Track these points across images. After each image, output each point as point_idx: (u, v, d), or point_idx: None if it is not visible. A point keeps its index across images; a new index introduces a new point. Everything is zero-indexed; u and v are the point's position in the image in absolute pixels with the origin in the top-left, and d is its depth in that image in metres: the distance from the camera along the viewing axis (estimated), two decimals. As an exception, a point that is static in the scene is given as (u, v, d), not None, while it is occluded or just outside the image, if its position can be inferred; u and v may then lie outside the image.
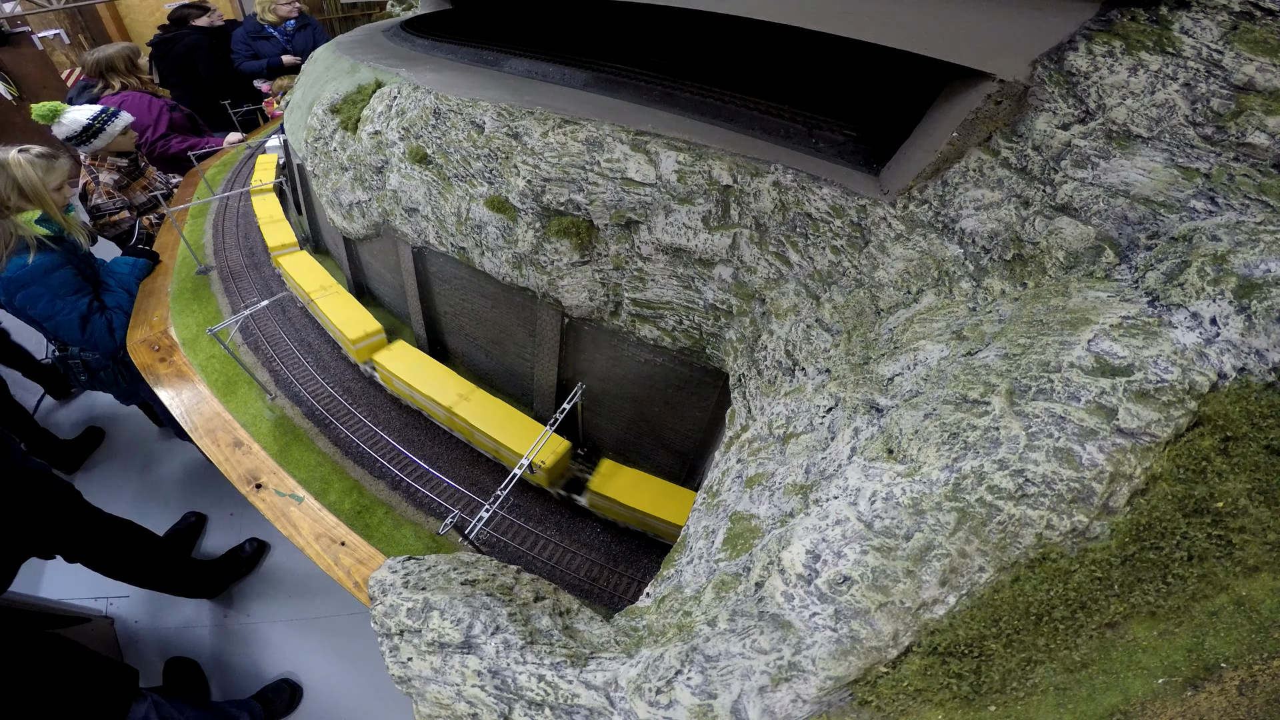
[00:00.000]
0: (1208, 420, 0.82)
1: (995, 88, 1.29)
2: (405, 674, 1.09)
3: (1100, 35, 1.16)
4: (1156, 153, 1.09)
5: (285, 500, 2.38)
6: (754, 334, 1.78)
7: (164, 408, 2.85)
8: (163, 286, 3.62)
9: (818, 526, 0.95)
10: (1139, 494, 0.82)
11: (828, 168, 1.70)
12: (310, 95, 3.02)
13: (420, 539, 2.27)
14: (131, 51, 5.16)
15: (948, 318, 1.26)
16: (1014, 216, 1.26)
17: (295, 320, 3.36)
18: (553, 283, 2.09)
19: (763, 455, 1.41)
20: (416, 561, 1.25)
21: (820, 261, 1.62)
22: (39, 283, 2.99)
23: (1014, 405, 0.90)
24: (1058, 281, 1.13)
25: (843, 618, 0.85)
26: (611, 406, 2.53)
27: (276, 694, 3.21)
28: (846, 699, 0.84)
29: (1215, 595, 0.78)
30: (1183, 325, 0.89)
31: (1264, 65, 0.98)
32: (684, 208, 1.77)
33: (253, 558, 3.91)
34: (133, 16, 9.29)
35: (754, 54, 2.73)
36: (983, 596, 0.83)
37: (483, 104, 2.09)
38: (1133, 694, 0.77)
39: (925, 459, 0.93)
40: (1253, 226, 0.94)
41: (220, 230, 4.22)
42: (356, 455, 2.57)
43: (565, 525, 2.39)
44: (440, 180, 2.26)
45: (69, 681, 2.33)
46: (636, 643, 1.07)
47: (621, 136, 1.82)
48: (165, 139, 5.17)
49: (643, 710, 0.91)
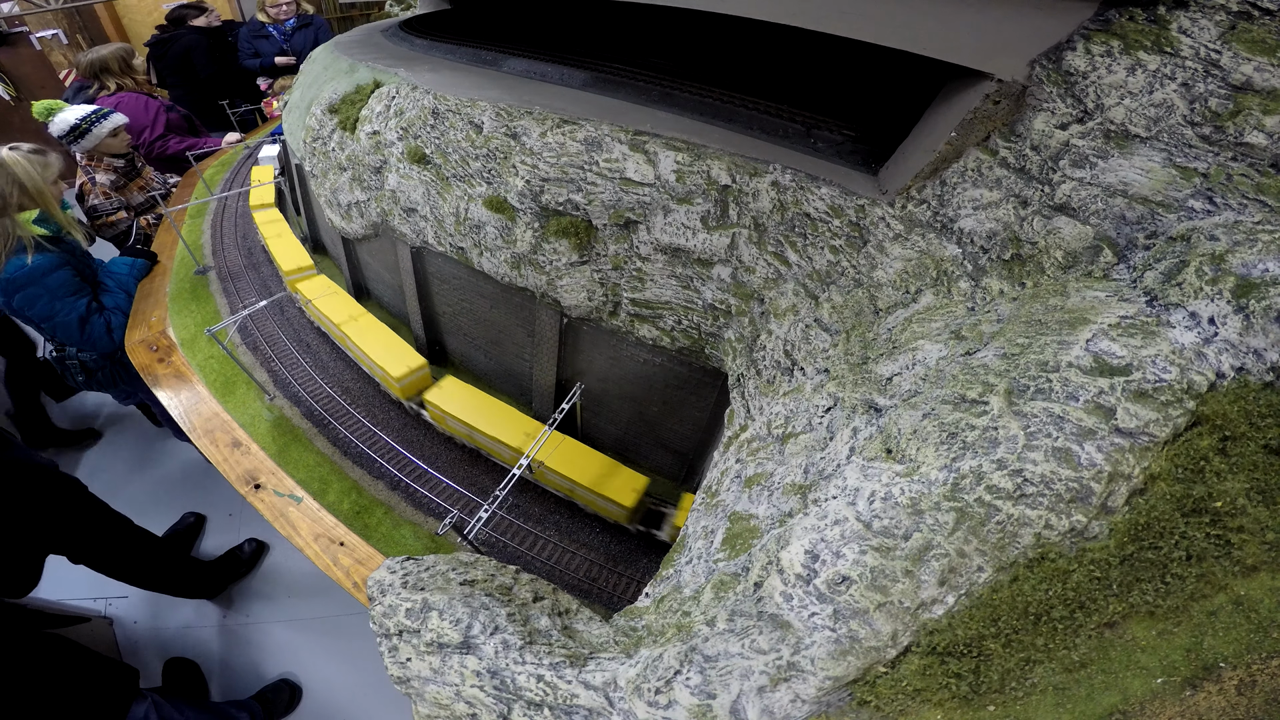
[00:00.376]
0: (1206, 420, 0.82)
1: (993, 87, 1.29)
2: (404, 674, 1.09)
3: (1098, 35, 1.16)
4: (1155, 152, 1.09)
5: (284, 500, 2.37)
6: (753, 334, 1.78)
7: (162, 408, 2.85)
8: (161, 287, 3.62)
9: (816, 526, 0.95)
10: (1137, 494, 0.83)
11: (826, 167, 1.70)
12: (309, 95, 3.02)
13: (419, 539, 2.27)
14: (125, 52, 5.15)
15: (946, 317, 1.26)
16: (1012, 216, 1.26)
17: (293, 320, 3.36)
18: (551, 283, 2.09)
19: (761, 455, 1.41)
20: (415, 562, 1.25)
21: (819, 261, 1.62)
22: (37, 284, 2.98)
23: (1012, 405, 0.90)
24: (1056, 281, 1.13)
25: (841, 618, 0.85)
26: (610, 406, 2.53)
27: (276, 694, 3.21)
28: (845, 699, 0.84)
29: (1214, 595, 0.78)
30: (1181, 325, 0.89)
31: (1262, 65, 0.98)
32: (683, 207, 1.77)
33: (252, 558, 3.91)
34: (130, 16, 9.28)
35: (753, 54, 2.73)
36: (981, 596, 0.83)
37: (481, 104, 2.09)
38: (1132, 694, 0.77)
39: (924, 459, 0.93)
40: (1251, 226, 0.94)
41: (219, 230, 4.21)
42: (355, 455, 2.56)
43: (564, 525, 2.38)
44: (439, 180, 2.26)
45: (69, 681, 2.33)
46: (635, 643, 1.07)
47: (620, 136, 1.81)
48: (163, 139, 5.17)
49: (642, 710, 0.91)
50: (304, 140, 3.01)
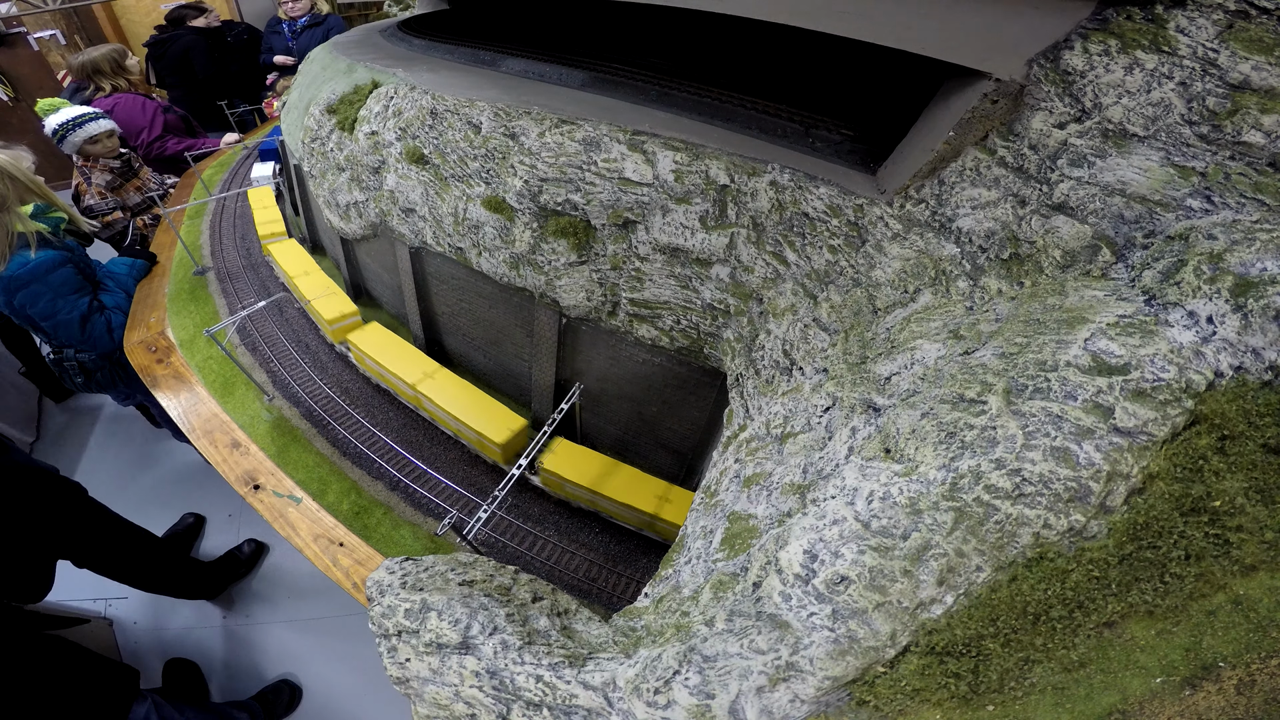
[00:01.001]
0: (1204, 419, 0.82)
1: (991, 87, 1.29)
2: (403, 675, 1.09)
3: (1096, 34, 1.16)
4: (1153, 151, 1.09)
5: (283, 501, 2.37)
6: (751, 333, 1.78)
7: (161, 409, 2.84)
8: (160, 287, 3.62)
9: (815, 526, 0.95)
10: (1136, 493, 0.82)
11: (825, 167, 1.70)
12: (307, 96, 3.02)
13: (418, 539, 2.27)
14: (117, 53, 5.14)
15: (945, 317, 1.26)
16: (1011, 215, 1.26)
17: (293, 321, 3.35)
18: (550, 283, 2.09)
19: (760, 455, 1.41)
20: (414, 562, 1.24)
21: (817, 261, 1.62)
22: (41, 280, 2.98)
23: (1011, 404, 0.90)
24: (1054, 280, 1.13)
25: (840, 617, 0.85)
26: (609, 406, 2.53)
27: (276, 695, 3.21)
28: (844, 699, 0.84)
29: (1213, 594, 0.78)
30: (1179, 324, 0.89)
31: (1259, 64, 0.98)
32: (681, 207, 1.77)
33: (251, 559, 3.91)
34: (129, 17, 9.26)
35: (751, 54, 2.73)
36: (980, 596, 0.83)
37: (480, 104, 2.09)
38: (1131, 693, 0.77)
39: (922, 458, 0.93)
40: (1249, 225, 0.94)
41: (217, 231, 4.21)
42: (355, 456, 2.56)
43: (564, 525, 2.38)
44: (437, 180, 2.26)
45: (69, 683, 2.33)
46: (634, 643, 1.07)
47: (619, 136, 1.81)
48: (161, 140, 5.16)
49: (641, 710, 0.91)
50: (302, 141, 3.00)
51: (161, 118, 5.17)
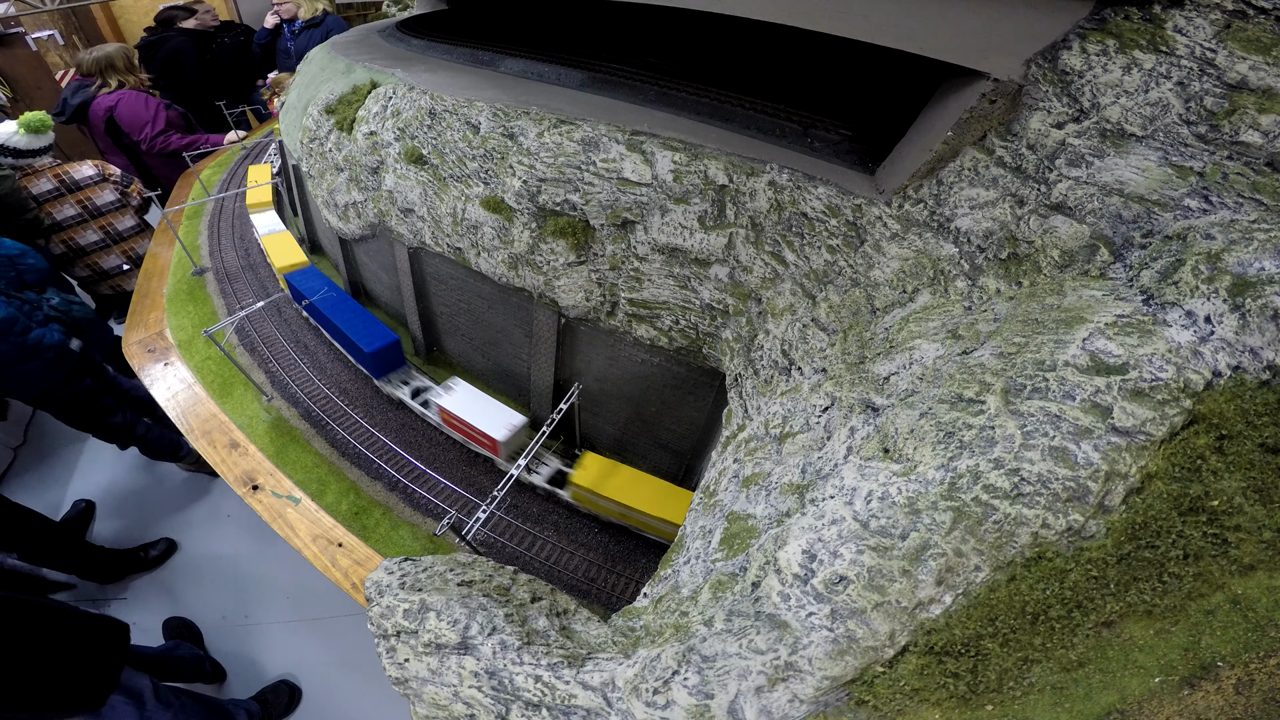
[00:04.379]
0: (1203, 418, 0.82)
1: (990, 87, 1.29)
2: (402, 675, 1.08)
3: (1094, 34, 1.16)
4: (1150, 151, 1.09)
5: (282, 502, 2.37)
6: (750, 333, 1.78)
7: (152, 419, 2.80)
8: (158, 288, 3.61)
9: (814, 526, 0.95)
10: (1134, 493, 0.82)
11: (823, 167, 1.70)
12: (305, 96, 3.01)
13: (418, 540, 2.26)
14: (130, 51, 5.18)
15: (943, 317, 1.26)
16: (1009, 215, 1.26)
17: (291, 322, 3.35)
18: (549, 283, 2.09)
19: (759, 455, 1.41)
20: (413, 563, 1.24)
21: (816, 261, 1.62)
22: None
23: (1009, 404, 0.90)
24: (1053, 280, 1.13)
25: (839, 617, 0.85)
26: (608, 406, 2.53)
27: (275, 695, 3.20)
28: (843, 699, 0.84)
29: (1211, 594, 0.78)
30: (1177, 323, 0.89)
31: (1257, 64, 0.98)
32: (680, 207, 1.77)
33: (159, 557, 3.93)
34: (127, 17, 9.26)
35: (750, 54, 2.73)
36: (979, 596, 0.83)
37: (478, 104, 2.08)
38: (1129, 693, 0.77)
39: (921, 458, 0.93)
40: (1247, 225, 0.94)
41: (216, 231, 4.20)
42: (353, 456, 2.56)
43: (563, 525, 2.38)
44: (436, 181, 2.26)
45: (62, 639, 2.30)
46: (634, 643, 1.07)
47: (617, 136, 1.81)
48: (164, 135, 5.16)
49: (640, 710, 0.91)
50: (301, 141, 3.00)
51: (164, 113, 5.17)
